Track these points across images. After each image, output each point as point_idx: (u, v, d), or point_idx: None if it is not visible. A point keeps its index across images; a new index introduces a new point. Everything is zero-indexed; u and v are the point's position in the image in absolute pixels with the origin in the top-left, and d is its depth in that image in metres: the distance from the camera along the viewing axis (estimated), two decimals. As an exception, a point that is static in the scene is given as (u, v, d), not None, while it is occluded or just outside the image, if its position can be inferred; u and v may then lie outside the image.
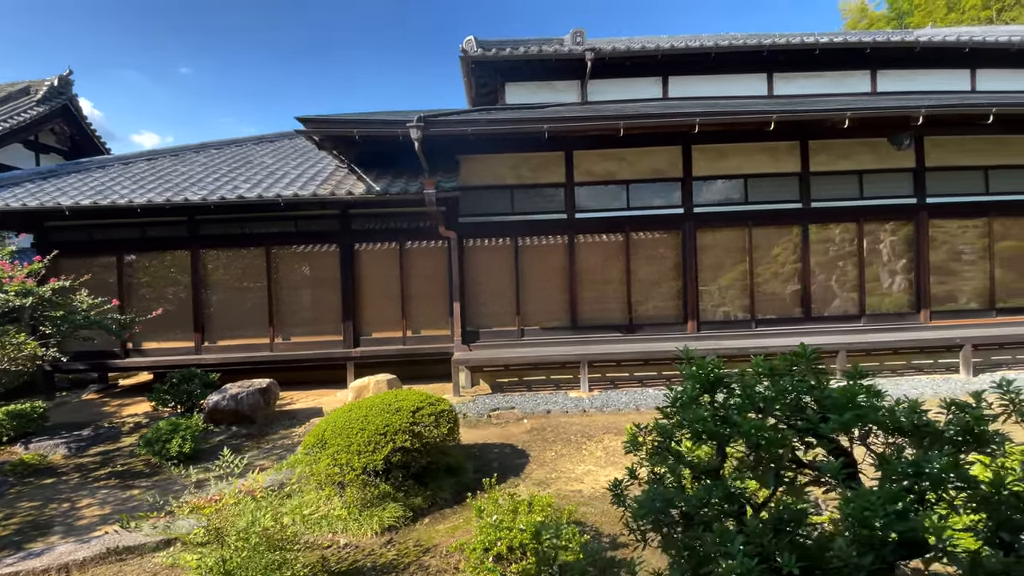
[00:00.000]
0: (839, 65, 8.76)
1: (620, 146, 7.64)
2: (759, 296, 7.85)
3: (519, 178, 7.71)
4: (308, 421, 6.36)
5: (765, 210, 7.81)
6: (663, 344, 7.48)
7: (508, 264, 7.74)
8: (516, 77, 8.79)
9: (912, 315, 7.83)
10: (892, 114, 6.14)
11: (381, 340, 7.89)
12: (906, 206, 7.78)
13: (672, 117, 6.10)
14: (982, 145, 7.84)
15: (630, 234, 7.81)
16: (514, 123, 6.03)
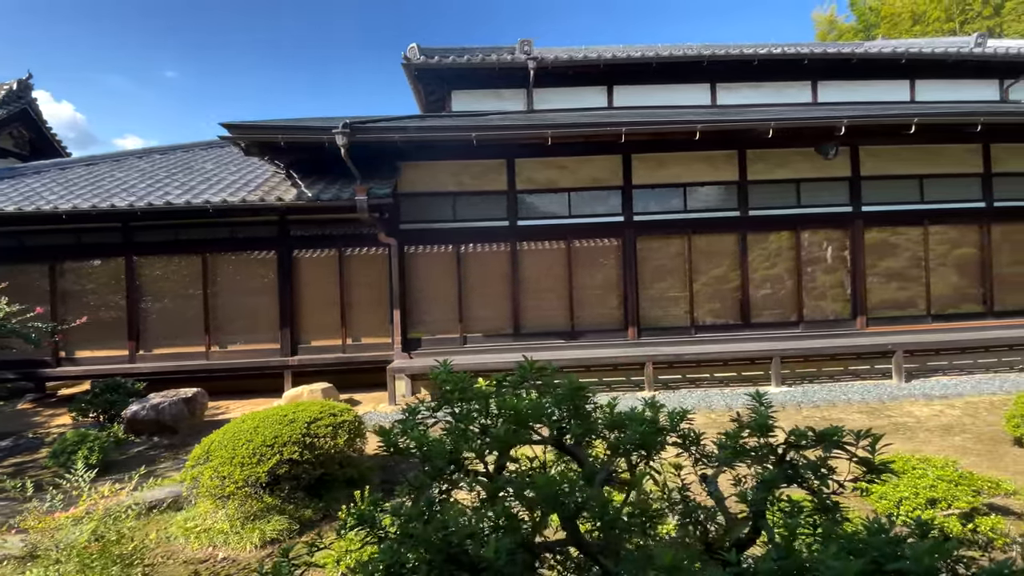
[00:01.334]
0: (780, 76, 8.92)
1: (561, 155, 7.68)
2: (698, 303, 7.91)
3: (461, 185, 7.70)
4: (234, 431, 6.24)
5: (704, 218, 7.89)
6: (604, 351, 7.52)
7: (450, 271, 7.71)
8: (463, 85, 8.81)
9: (849, 322, 7.95)
10: (816, 124, 6.26)
11: (320, 348, 7.79)
12: (842, 214, 7.91)
13: (599, 127, 6.14)
14: (917, 155, 8.01)
15: (572, 242, 7.83)
16: (443, 131, 6.02)
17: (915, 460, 3.32)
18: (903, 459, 3.39)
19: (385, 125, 6.00)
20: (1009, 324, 8.02)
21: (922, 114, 6.24)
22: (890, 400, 6.46)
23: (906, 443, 4.96)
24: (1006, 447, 4.67)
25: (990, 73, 9.33)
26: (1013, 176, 8.15)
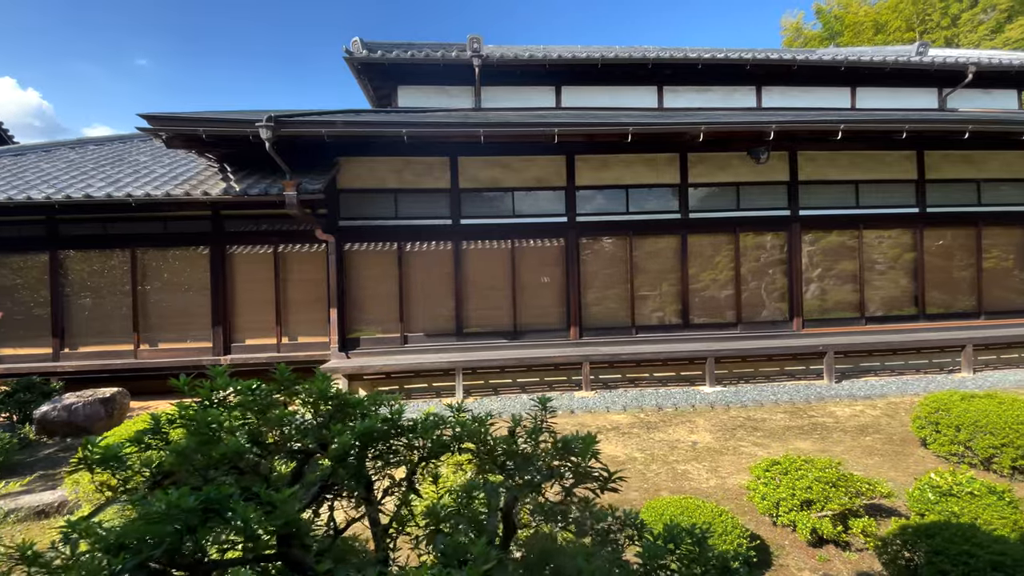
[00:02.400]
0: (726, 81, 9.03)
1: (505, 154, 7.65)
2: (639, 303, 7.96)
3: (403, 182, 7.60)
4: (154, 433, 6.04)
5: (646, 220, 7.94)
6: (546, 351, 7.50)
7: (391, 269, 7.60)
8: (409, 81, 8.70)
9: (785, 323, 8.10)
10: (746, 129, 6.33)
11: (254, 347, 7.61)
12: (780, 218, 8.05)
13: (532, 127, 6.12)
14: (854, 160, 8.20)
15: (516, 241, 7.80)
16: (372, 126, 5.91)
17: (800, 461, 3.37)
18: (789, 460, 3.44)
19: (312, 119, 5.86)
20: (939, 326, 8.28)
21: (848, 120, 6.36)
22: (816, 400, 6.59)
23: (817, 443, 5.06)
24: (912, 448, 4.80)
25: (929, 82, 9.61)
26: (945, 183, 8.40)
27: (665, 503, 3.06)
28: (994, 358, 8.38)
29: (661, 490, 4.01)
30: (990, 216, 8.48)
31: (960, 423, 4.20)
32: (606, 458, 4.76)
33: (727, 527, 2.82)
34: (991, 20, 22.77)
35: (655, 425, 5.77)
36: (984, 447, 4.03)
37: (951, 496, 3.05)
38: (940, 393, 4.65)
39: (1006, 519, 2.87)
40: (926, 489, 3.17)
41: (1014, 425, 3.95)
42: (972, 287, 8.48)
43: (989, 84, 9.85)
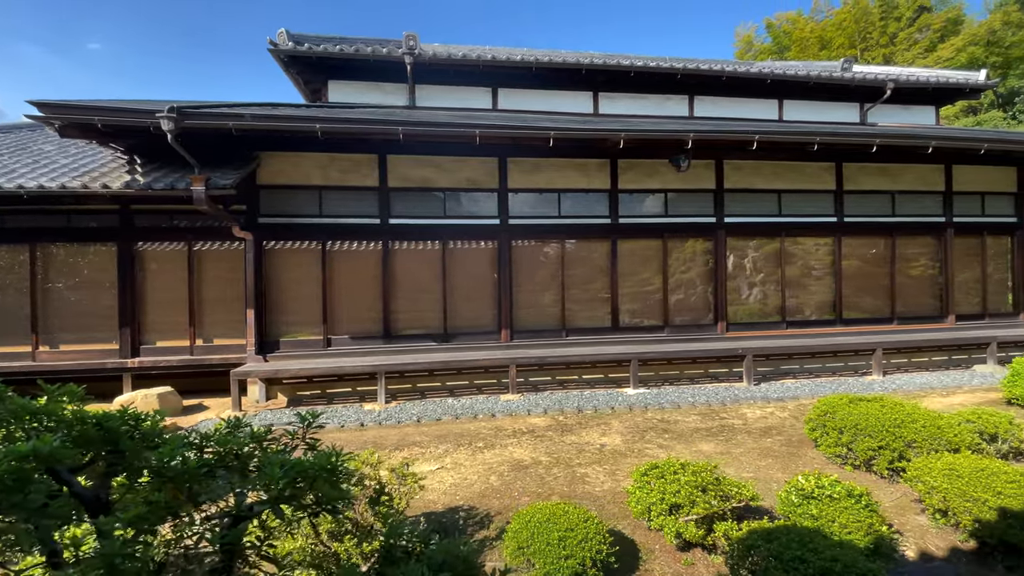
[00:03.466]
0: (660, 89, 9.21)
1: (437, 153, 7.55)
2: (570, 306, 8.00)
3: (328, 179, 7.39)
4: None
5: (578, 224, 7.99)
6: (476, 353, 7.43)
7: (315, 269, 7.37)
8: (341, 76, 8.48)
9: (710, 327, 8.30)
10: (665, 137, 6.45)
11: (166, 350, 7.23)
12: (707, 224, 8.25)
13: (453, 127, 6.04)
14: (777, 171, 8.49)
15: (447, 242, 7.71)
16: (283, 120, 5.70)
17: (676, 465, 3.41)
18: (667, 464, 3.47)
19: (218, 112, 5.60)
20: (855, 331, 8.67)
21: (763, 132, 6.58)
22: (732, 402, 6.76)
23: (721, 445, 5.17)
24: (806, 450, 4.96)
25: (852, 97, 10.07)
26: (862, 194, 8.81)
27: (535, 510, 3.03)
28: (905, 361, 8.83)
29: (553, 494, 3.99)
30: (904, 226, 8.95)
31: (843, 426, 4.36)
32: (512, 462, 4.76)
33: (588, 533, 2.81)
34: (925, 40, 24.19)
35: (571, 428, 5.78)
36: (864, 449, 4.19)
37: (812, 499, 3.14)
38: (831, 396, 4.83)
39: (860, 522, 2.97)
40: (792, 492, 3.26)
41: (891, 428, 4.13)
42: (886, 294, 8.92)
43: (908, 100, 10.40)
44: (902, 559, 3.12)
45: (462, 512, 3.71)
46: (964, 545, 3.23)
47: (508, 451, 5.04)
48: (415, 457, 4.93)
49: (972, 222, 9.24)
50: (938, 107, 10.61)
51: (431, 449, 5.15)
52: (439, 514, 3.71)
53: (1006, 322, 9.37)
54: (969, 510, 3.12)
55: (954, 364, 8.91)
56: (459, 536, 3.34)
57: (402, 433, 5.70)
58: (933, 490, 3.35)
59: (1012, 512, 3.00)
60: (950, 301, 9.04)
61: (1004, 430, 4.39)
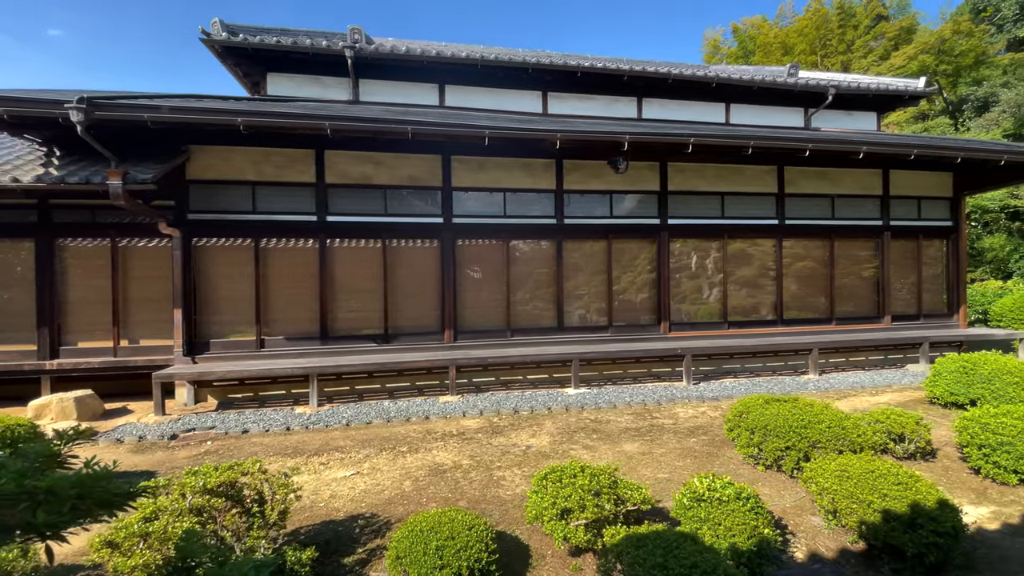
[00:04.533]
0: (609, 90, 9.24)
1: (377, 150, 7.40)
2: (516, 307, 7.96)
3: (262, 175, 7.16)
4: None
5: (523, 224, 7.95)
6: (417, 354, 7.32)
7: (248, 268, 7.14)
8: (280, 68, 8.24)
9: (653, 327, 8.36)
10: (602, 138, 6.44)
11: (88, 351, 6.91)
12: (650, 226, 8.31)
13: (385, 123, 5.89)
14: (720, 173, 8.61)
15: (388, 241, 7.56)
16: (202, 113, 5.47)
17: (576, 468, 3.37)
18: (570, 467, 3.43)
19: (133, 103, 5.34)
20: (794, 331, 8.86)
21: (698, 135, 6.63)
22: (668, 402, 6.81)
23: (644, 445, 5.18)
24: (726, 450, 5.00)
25: (797, 101, 10.29)
26: (803, 197, 9.00)
27: (421, 518, 2.94)
28: (844, 360, 9.08)
29: (462, 499, 3.92)
30: (843, 229, 9.18)
31: (754, 426, 4.41)
32: (431, 466, 4.67)
33: (470, 541, 2.74)
34: (880, 47, 24.97)
35: (502, 429, 5.73)
36: (772, 450, 4.25)
37: (703, 502, 3.14)
38: (749, 397, 4.88)
39: (745, 525, 2.98)
40: (685, 495, 3.26)
41: (797, 429, 4.19)
42: (826, 295, 9.14)
43: (851, 106, 10.69)
44: (789, 561, 3.16)
45: (362, 520, 3.61)
46: (854, 547, 3.28)
47: (432, 455, 4.95)
48: (332, 463, 4.81)
49: (909, 225, 9.55)
50: (880, 113, 10.93)
51: (352, 454, 5.02)
52: (337, 523, 3.60)
53: (940, 322, 9.71)
54: (854, 512, 3.17)
55: (890, 363, 9.19)
56: (349, 546, 3.24)
57: (328, 437, 5.55)
58: (824, 491, 3.40)
59: (895, 514, 3.05)
60: (887, 302, 9.32)
61: (910, 430, 4.50)
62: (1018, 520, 3.66)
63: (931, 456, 4.74)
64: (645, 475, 4.44)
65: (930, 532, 2.93)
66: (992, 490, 4.08)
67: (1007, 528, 3.57)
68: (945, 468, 4.51)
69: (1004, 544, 3.36)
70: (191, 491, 2.69)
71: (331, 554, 3.19)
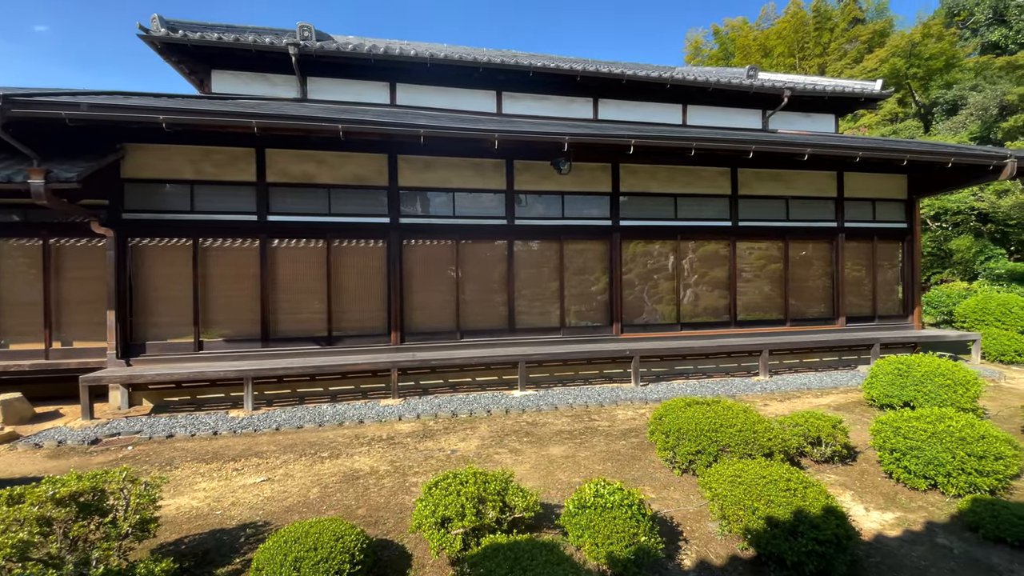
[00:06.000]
0: (563, 91, 9.19)
1: (318, 148, 7.29)
2: (465, 308, 7.88)
3: (200, 173, 7.02)
4: None
5: (473, 224, 7.87)
6: (361, 356, 7.21)
7: (186, 268, 6.99)
8: (225, 65, 8.09)
9: (606, 328, 8.33)
10: (543, 139, 6.38)
11: (18, 353, 6.73)
12: (603, 227, 8.27)
13: (317, 121, 5.78)
14: (673, 175, 8.59)
15: (333, 241, 7.45)
16: (125, 110, 5.33)
17: (466, 475, 3.30)
18: (464, 473, 3.35)
19: (50, 100, 5.19)
20: (749, 332, 8.87)
21: (639, 136, 6.59)
22: (611, 404, 6.77)
23: (571, 448, 5.13)
24: (651, 453, 4.96)
25: (755, 103, 10.31)
26: (757, 198, 9.02)
27: (296, 527, 2.86)
28: (797, 362, 9.10)
29: (361, 507, 3.84)
30: (797, 231, 9.20)
31: (670, 429, 4.37)
32: (347, 472, 4.58)
33: (334, 552, 2.66)
34: (853, 51, 25.20)
35: (434, 433, 5.65)
36: (684, 453, 4.21)
37: (587, 508, 3.09)
38: (672, 400, 4.83)
39: (624, 532, 2.92)
40: (572, 501, 3.20)
41: (708, 432, 4.15)
42: (780, 296, 9.16)
43: (809, 108, 10.73)
44: (674, 569, 3.11)
45: (251, 529, 3.52)
46: (744, 554, 3.24)
47: (351, 461, 4.86)
48: (246, 468, 4.70)
49: (863, 227, 9.60)
50: (838, 115, 10.99)
51: (271, 460, 4.92)
52: (227, 532, 3.50)
53: (894, 324, 9.78)
54: (741, 518, 3.13)
55: (844, 364, 9.24)
56: (227, 557, 3.15)
57: (253, 442, 5.44)
58: (716, 497, 3.36)
59: (778, 521, 3.02)
60: (841, 304, 9.36)
61: (827, 434, 4.49)
62: (921, 527, 3.64)
63: (851, 460, 4.73)
64: (560, 479, 4.38)
65: (810, 540, 2.89)
66: (902, 495, 4.07)
67: (908, 535, 3.55)
68: (861, 472, 4.50)
69: (900, 552, 3.34)
70: (38, 500, 2.59)
71: (206, 564, 3.09)
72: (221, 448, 5.28)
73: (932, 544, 3.41)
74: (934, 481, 4.01)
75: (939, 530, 3.58)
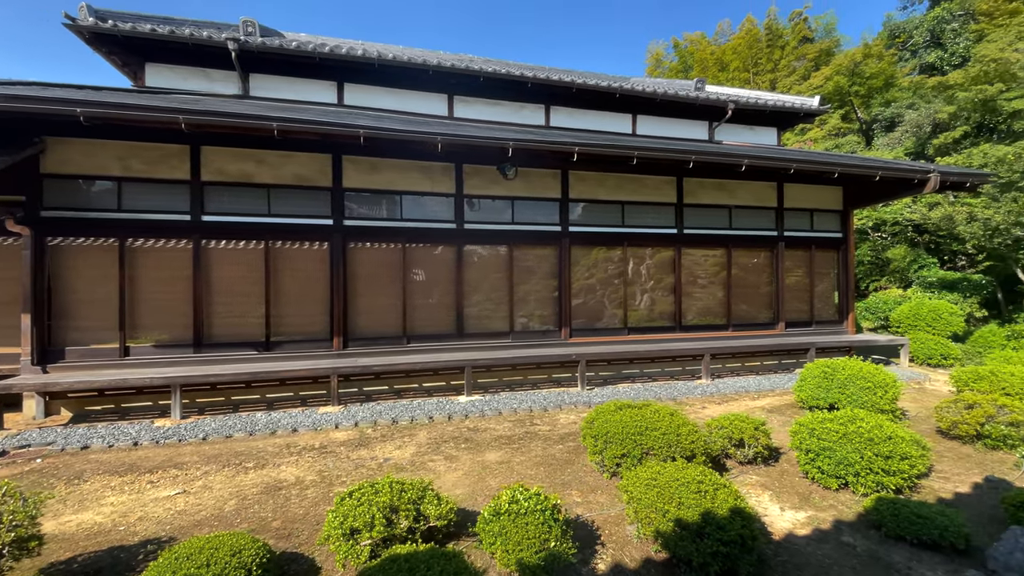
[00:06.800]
0: (516, 97, 9.23)
1: (258, 147, 7.07)
2: (413, 312, 7.77)
3: (128, 170, 6.69)
4: None
5: (421, 228, 7.79)
6: (300, 363, 7.00)
7: (112, 270, 6.63)
8: (160, 59, 7.76)
9: (555, 332, 8.37)
10: (485, 144, 6.39)
11: (-82, 360, 6.24)
12: (552, 233, 8.33)
13: (238, 118, 5.59)
14: (621, 183, 8.74)
15: (272, 243, 7.22)
16: (37, 102, 5.01)
17: (382, 484, 3.23)
18: (382, 482, 3.28)
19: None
20: (693, 336, 9.09)
21: (581, 144, 6.69)
22: (555, 408, 6.79)
23: (508, 454, 5.11)
24: (583, 457, 4.99)
25: (701, 115, 10.63)
26: (701, 207, 9.28)
27: (192, 543, 2.72)
28: (739, 365, 9.39)
29: (277, 520, 3.70)
30: (739, 239, 9.51)
31: (598, 433, 4.41)
32: (270, 483, 4.42)
33: (228, 568, 2.54)
34: (802, 68, 26.40)
35: (370, 441, 5.53)
36: (611, 456, 4.25)
37: (501, 515, 3.06)
38: (604, 404, 4.89)
39: (535, 539, 2.92)
40: (488, 508, 3.17)
41: (634, 435, 4.21)
42: (723, 302, 9.44)
43: (753, 121, 11.14)
44: (588, 573, 3.11)
45: (153, 545, 3.33)
46: (657, 556, 3.28)
47: (277, 471, 4.69)
48: (163, 481, 4.47)
49: (802, 236, 10.01)
50: (780, 129, 11.45)
51: (191, 471, 4.69)
52: (127, 548, 3.30)
53: (831, 329, 10.22)
54: (652, 521, 3.18)
55: (783, 368, 9.58)
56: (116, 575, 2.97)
57: (175, 453, 5.18)
58: (633, 500, 3.40)
59: (686, 523, 3.07)
60: (781, 309, 9.72)
61: (749, 436, 4.62)
62: (829, 526, 3.79)
63: (773, 460, 4.89)
64: (491, 486, 4.35)
65: (716, 541, 2.95)
66: (816, 495, 4.23)
67: (816, 534, 3.68)
68: (781, 472, 4.66)
69: (807, 551, 3.45)
70: None
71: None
72: (139, 460, 5.01)
73: (838, 542, 3.55)
74: (845, 480, 4.18)
75: (845, 528, 3.72)
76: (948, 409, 5.61)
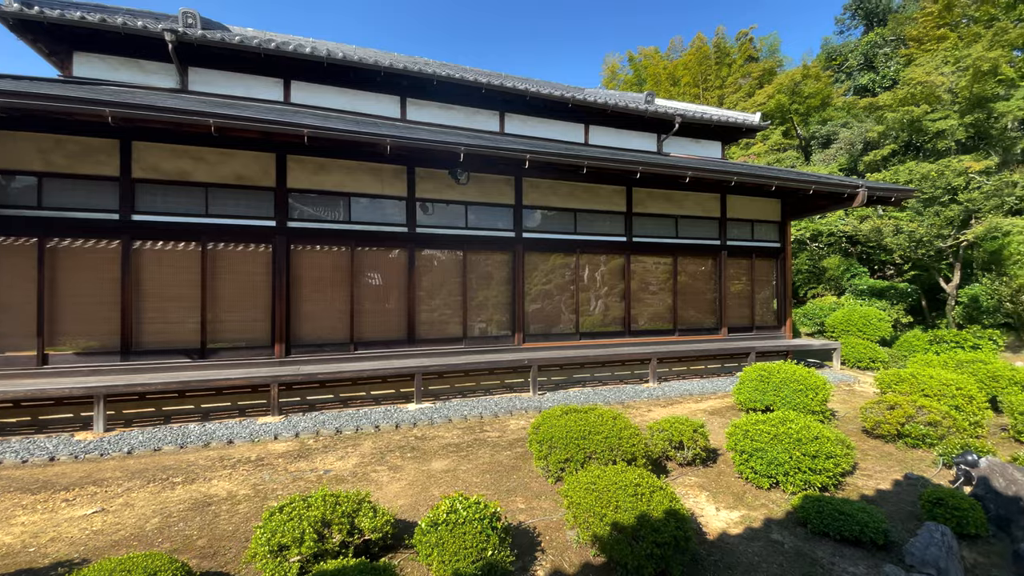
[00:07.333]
0: (470, 101, 9.23)
1: (196, 143, 6.75)
2: (363, 318, 7.60)
3: (51, 165, 6.23)
4: None
5: (371, 231, 7.63)
6: (237, 371, 6.70)
7: (28, 272, 6.14)
8: (90, 48, 7.27)
9: (509, 339, 8.39)
10: (437, 147, 6.35)
11: None
12: (506, 239, 8.36)
13: (179, 114, 5.33)
14: (574, 191, 8.89)
15: (209, 245, 6.89)
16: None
17: (315, 497, 3.11)
18: (315, 496, 3.16)
19: None
20: (641, 341, 9.32)
21: (534, 152, 6.78)
22: (505, 414, 6.78)
23: (454, 462, 5.05)
24: (530, 463, 4.99)
25: (650, 127, 10.97)
26: (649, 216, 9.56)
27: (104, 564, 2.53)
28: (685, 369, 9.68)
29: (202, 538, 3.50)
30: (685, 247, 9.86)
31: (543, 438, 4.44)
32: (198, 499, 4.18)
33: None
34: (747, 85, 27.77)
35: (311, 452, 5.33)
36: (555, 461, 4.28)
37: (438, 525, 3.01)
38: (551, 408, 4.91)
39: (473, 548, 2.88)
40: (425, 519, 3.12)
41: (577, 440, 4.25)
42: (670, 308, 9.74)
43: (699, 135, 11.60)
44: (526, 580, 3.11)
45: (63, 569, 3.08)
46: (595, 560, 3.32)
47: (208, 486, 4.44)
48: (80, 499, 4.15)
49: (743, 246, 10.48)
50: (724, 143, 11.98)
51: (112, 488, 4.38)
52: (35, 572, 3.04)
53: (770, 334, 10.73)
54: (591, 525, 3.21)
55: (726, 371, 9.95)
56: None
57: (96, 468, 4.83)
58: (572, 504, 3.43)
59: (623, 526, 3.11)
60: (724, 315, 10.13)
61: (688, 438, 4.76)
62: (760, 524, 3.94)
63: (712, 462, 5.06)
64: (435, 495, 4.28)
65: (650, 543, 3.01)
66: (749, 494, 4.40)
67: (748, 532, 3.82)
68: (719, 473, 4.82)
69: (739, 549, 3.58)
70: None
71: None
72: (55, 476, 4.63)
73: (767, 540, 3.70)
74: (776, 480, 4.38)
75: (775, 526, 3.89)
76: (872, 410, 5.97)
